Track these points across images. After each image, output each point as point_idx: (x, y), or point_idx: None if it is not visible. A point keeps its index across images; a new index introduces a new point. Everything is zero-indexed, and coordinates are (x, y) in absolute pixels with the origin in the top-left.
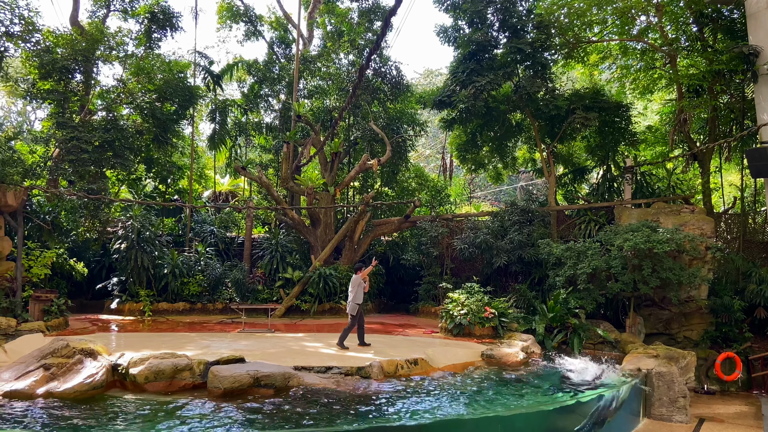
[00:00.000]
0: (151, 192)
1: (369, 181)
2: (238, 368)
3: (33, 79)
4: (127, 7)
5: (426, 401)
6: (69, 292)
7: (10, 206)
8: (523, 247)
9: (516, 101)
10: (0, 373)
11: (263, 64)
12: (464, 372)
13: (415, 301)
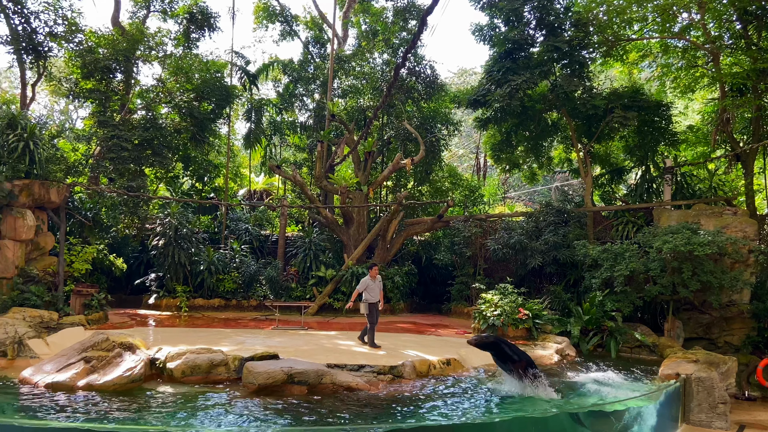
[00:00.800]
0: (188, 190)
1: (402, 181)
2: (272, 365)
3: (76, 79)
4: (166, 8)
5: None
6: (108, 287)
7: (53, 203)
8: (558, 248)
9: (552, 100)
10: (42, 365)
11: (298, 64)
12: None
13: (448, 301)
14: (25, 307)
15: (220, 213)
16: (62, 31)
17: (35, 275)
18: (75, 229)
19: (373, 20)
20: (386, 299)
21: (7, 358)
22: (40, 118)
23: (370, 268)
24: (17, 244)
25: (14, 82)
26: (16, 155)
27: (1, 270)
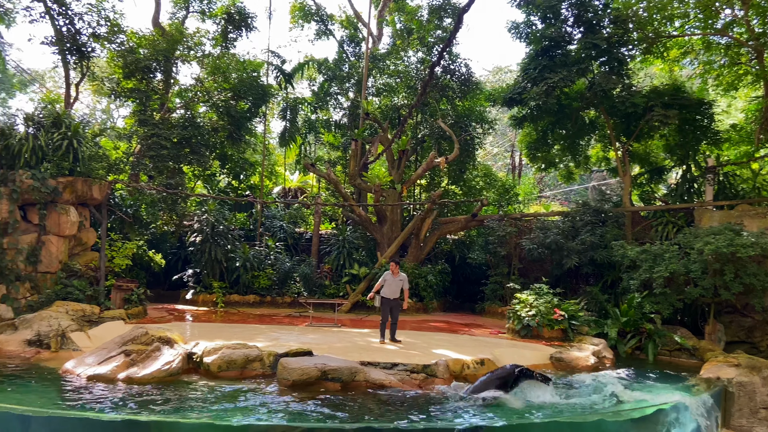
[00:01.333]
0: (224, 187)
1: (436, 179)
2: (306, 361)
3: (117, 78)
4: (205, 8)
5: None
6: (147, 283)
7: (95, 199)
8: (595, 248)
9: (590, 98)
10: (84, 357)
11: (333, 63)
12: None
13: (481, 301)
14: (67, 300)
15: (255, 210)
16: (105, 32)
17: (78, 270)
18: (116, 225)
19: (408, 19)
20: (419, 297)
21: (51, 350)
22: (83, 117)
23: (391, 264)
24: (61, 240)
25: (58, 82)
26: (60, 153)
27: (46, 264)
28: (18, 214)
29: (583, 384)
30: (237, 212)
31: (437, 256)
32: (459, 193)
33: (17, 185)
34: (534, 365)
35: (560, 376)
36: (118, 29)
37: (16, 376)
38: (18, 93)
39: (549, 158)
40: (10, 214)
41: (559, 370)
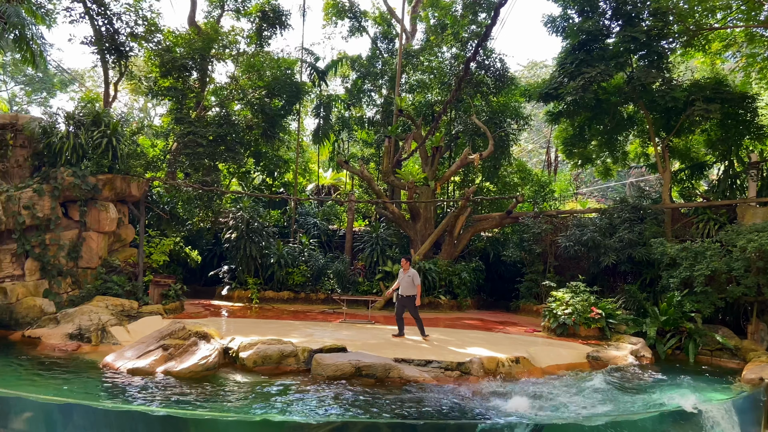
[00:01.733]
0: (259, 185)
1: (470, 176)
2: (341, 357)
3: (154, 77)
4: (239, 7)
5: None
6: (184, 278)
7: (133, 196)
8: (633, 245)
9: (628, 93)
10: (124, 351)
11: (366, 60)
12: (568, 373)
13: (516, 299)
14: (107, 296)
15: (289, 207)
16: (142, 31)
17: (117, 266)
18: (153, 222)
19: (442, 14)
20: (453, 295)
21: (92, 344)
22: (121, 116)
23: (402, 260)
24: (101, 236)
25: (97, 81)
26: (100, 151)
27: (86, 260)
28: (59, 211)
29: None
30: (271, 209)
31: (471, 253)
32: (493, 189)
33: (59, 182)
34: (570, 364)
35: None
36: (155, 28)
37: (58, 368)
38: (59, 92)
39: (586, 154)
40: (52, 210)
41: (596, 369)
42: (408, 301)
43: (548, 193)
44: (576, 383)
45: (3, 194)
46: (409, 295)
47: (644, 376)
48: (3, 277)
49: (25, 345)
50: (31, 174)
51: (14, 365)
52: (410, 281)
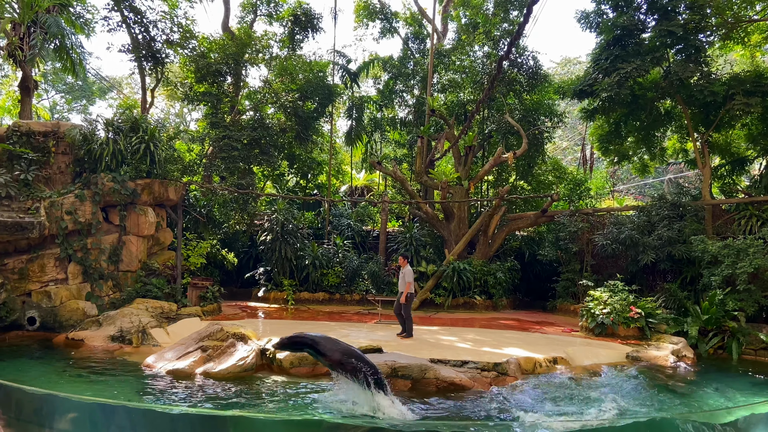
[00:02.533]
0: (293, 187)
1: (504, 175)
2: (376, 358)
3: (190, 83)
4: (272, 12)
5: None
6: (221, 280)
7: (171, 200)
8: (672, 243)
9: (665, 88)
10: (164, 352)
11: (398, 60)
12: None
13: (552, 298)
14: (147, 298)
15: (323, 209)
16: (177, 38)
17: (156, 268)
18: (191, 225)
19: (474, 13)
20: (488, 295)
21: (133, 345)
22: (158, 121)
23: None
24: (140, 240)
25: (135, 88)
26: (138, 156)
27: (126, 263)
28: (100, 216)
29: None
30: (305, 211)
31: (506, 253)
32: (528, 188)
33: (99, 188)
34: (609, 364)
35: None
36: (190, 35)
37: (101, 369)
38: (98, 99)
39: (622, 151)
40: (93, 215)
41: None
42: (400, 297)
43: (584, 191)
44: (620, 383)
45: (46, 200)
46: (400, 293)
47: (694, 375)
48: (47, 281)
49: (68, 347)
50: (72, 180)
51: (59, 366)
52: (402, 278)
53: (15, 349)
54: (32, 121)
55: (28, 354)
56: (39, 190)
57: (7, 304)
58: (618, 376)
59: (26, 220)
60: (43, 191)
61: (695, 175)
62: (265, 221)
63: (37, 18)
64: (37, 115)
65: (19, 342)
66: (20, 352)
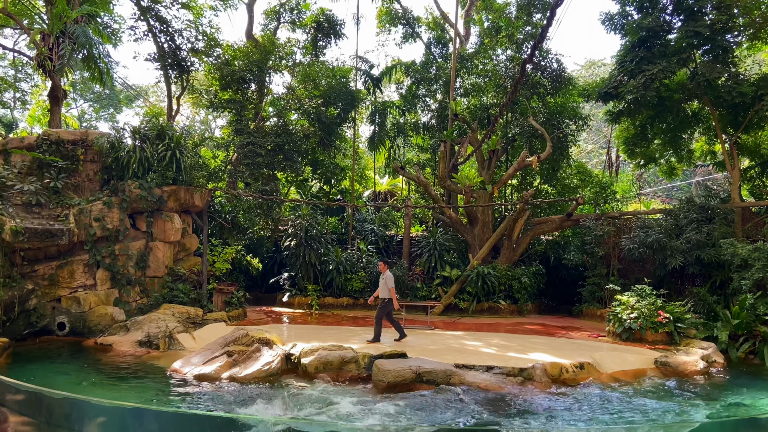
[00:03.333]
0: (316, 192)
1: (528, 179)
2: (401, 363)
3: (215, 90)
4: (295, 19)
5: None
6: (246, 286)
7: (196, 206)
8: (701, 247)
9: (692, 89)
10: (191, 357)
11: (420, 65)
12: (636, 379)
13: (578, 303)
14: (173, 303)
15: (346, 214)
16: (202, 46)
17: (182, 274)
18: (216, 231)
19: (496, 17)
20: (513, 300)
21: (160, 350)
22: (184, 129)
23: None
24: (166, 246)
25: (160, 96)
26: (164, 163)
27: (153, 269)
28: (128, 222)
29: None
30: (329, 216)
31: (531, 257)
32: (552, 192)
33: (127, 195)
34: (637, 370)
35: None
36: (215, 43)
37: (129, 374)
38: (125, 108)
39: (648, 153)
40: (121, 222)
41: (664, 375)
42: (382, 302)
43: (610, 195)
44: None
45: (75, 207)
46: (384, 297)
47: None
48: (76, 287)
49: (97, 351)
50: (100, 187)
51: (88, 371)
52: (384, 284)
53: (45, 354)
54: (61, 129)
55: (59, 358)
56: (68, 198)
57: (38, 309)
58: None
59: (56, 227)
60: (72, 198)
61: (724, 178)
62: (289, 227)
63: (65, 28)
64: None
65: (50, 347)
66: (51, 357)
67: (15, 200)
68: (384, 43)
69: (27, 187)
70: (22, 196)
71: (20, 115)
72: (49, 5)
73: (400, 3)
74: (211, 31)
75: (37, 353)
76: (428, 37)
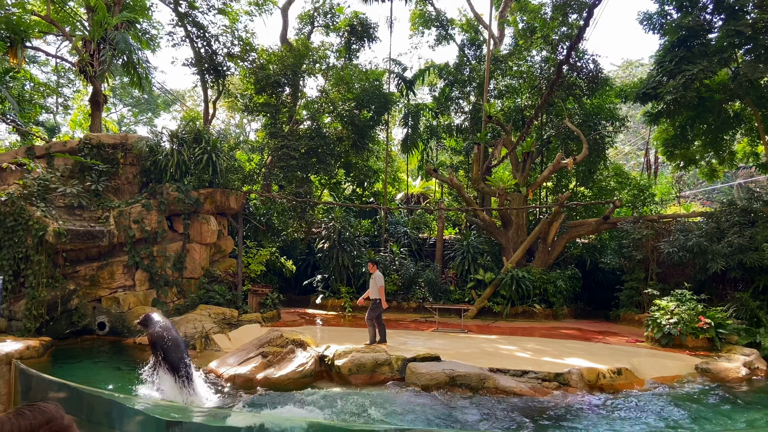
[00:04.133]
0: (349, 195)
1: (563, 181)
2: (435, 366)
3: (250, 94)
4: (329, 23)
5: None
6: (280, 287)
7: (232, 209)
8: (744, 251)
9: (734, 89)
10: (226, 358)
11: (453, 67)
12: (676, 386)
13: (615, 308)
14: (209, 304)
15: (379, 217)
16: (238, 51)
17: (218, 275)
18: (251, 233)
19: (531, 17)
20: (548, 304)
21: (196, 351)
22: (220, 132)
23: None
24: (203, 248)
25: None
26: (201, 166)
27: (190, 271)
28: (165, 224)
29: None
30: (362, 219)
31: (566, 260)
32: (588, 194)
33: (164, 197)
34: (676, 376)
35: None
36: (250, 48)
37: None
38: (162, 112)
39: (688, 155)
40: (159, 224)
41: (705, 381)
42: (372, 303)
43: (648, 197)
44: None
45: (115, 209)
46: (375, 298)
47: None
48: (116, 288)
49: (136, 350)
50: (139, 190)
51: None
52: (373, 284)
53: (87, 352)
54: (102, 134)
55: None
56: (108, 200)
57: (79, 309)
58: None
59: (97, 228)
60: (112, 201)
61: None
62: (322, 229)
63: (106, 35)
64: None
65: (91, 346)
66: (91, 355)
67: (58, 203)
68: (417, 46)
69: (69, 189)
70: (64, 198)
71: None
72: (90, 12)
73: (434, 5)
74: (246, 36)
75: (79, 352)
76: (461, 39)
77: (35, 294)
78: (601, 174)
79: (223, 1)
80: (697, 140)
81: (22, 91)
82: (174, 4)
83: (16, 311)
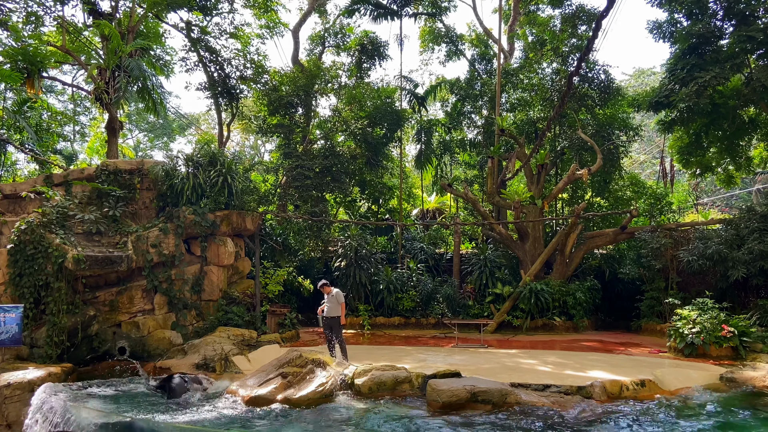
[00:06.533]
0: (365, 212)
1: (579, 192)
2: (455, 382)
3: (263, 116)
4: (339, 42)
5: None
6: (298, 307)
7: (248, 230)
8: (765, 257)
9: (748, 95)
10: (246, 379)
11: (465, 82)
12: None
13: (637, 318)
14: (228, 326)
15: (395, 233)
16: (250, 73)
17: (236, 297)
18: (267, 253)
19: (540, 30)
20: (568, 316)
21: (216, 373)
22: (234, 154)
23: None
24: (220, 269)
25: (211, 123)
26: (216, 189)
27: (208, 293)
28: (183, 248)
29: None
30: (378, 236)
31: (585, 272)
32: (605, 205)
33: (181, 221)
34: (703, 386)
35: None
36: (262, 70)
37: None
38: (178, 136)
39: (704, 162)
40: (176, 247)
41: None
42: (334, 321)
43: (665, 206)
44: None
45: (133, 234)
46: (334, 316)
47: None
48: (135, 312)
49: (157, 374)
50: (156, 214)
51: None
52: (335, 301)
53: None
54: (118, 159)
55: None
56: (126, 225)
57: (99, 335)
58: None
59: (115, 254)
60: (129, 226)
61: None
62: (338, 247)
63: (120, 62)
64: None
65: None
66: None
67: (76, 229)
68: (427, 62)
69: (87, 216)
70: (83, 225)
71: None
72: (105, 41)
73: (443, 22)
74: (258, 58)
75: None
76: (472, 54)
77: (56, 321)
78: (617, 184)
79: (234, 26)
80: (713, 147)
81: (40, 121)
82: (186, 30)
83: (37, 338)
